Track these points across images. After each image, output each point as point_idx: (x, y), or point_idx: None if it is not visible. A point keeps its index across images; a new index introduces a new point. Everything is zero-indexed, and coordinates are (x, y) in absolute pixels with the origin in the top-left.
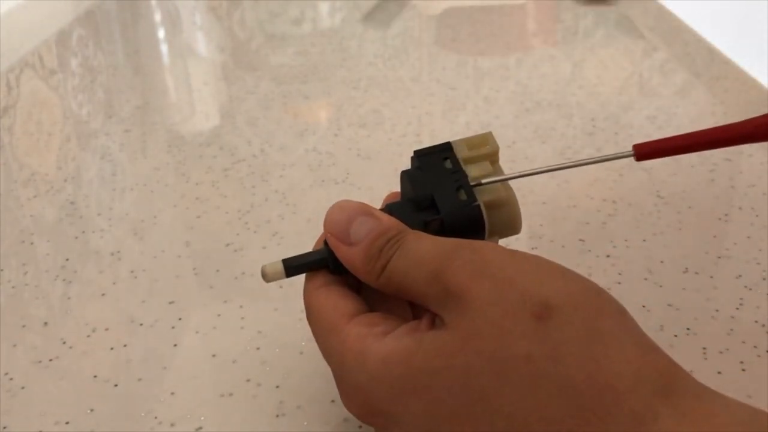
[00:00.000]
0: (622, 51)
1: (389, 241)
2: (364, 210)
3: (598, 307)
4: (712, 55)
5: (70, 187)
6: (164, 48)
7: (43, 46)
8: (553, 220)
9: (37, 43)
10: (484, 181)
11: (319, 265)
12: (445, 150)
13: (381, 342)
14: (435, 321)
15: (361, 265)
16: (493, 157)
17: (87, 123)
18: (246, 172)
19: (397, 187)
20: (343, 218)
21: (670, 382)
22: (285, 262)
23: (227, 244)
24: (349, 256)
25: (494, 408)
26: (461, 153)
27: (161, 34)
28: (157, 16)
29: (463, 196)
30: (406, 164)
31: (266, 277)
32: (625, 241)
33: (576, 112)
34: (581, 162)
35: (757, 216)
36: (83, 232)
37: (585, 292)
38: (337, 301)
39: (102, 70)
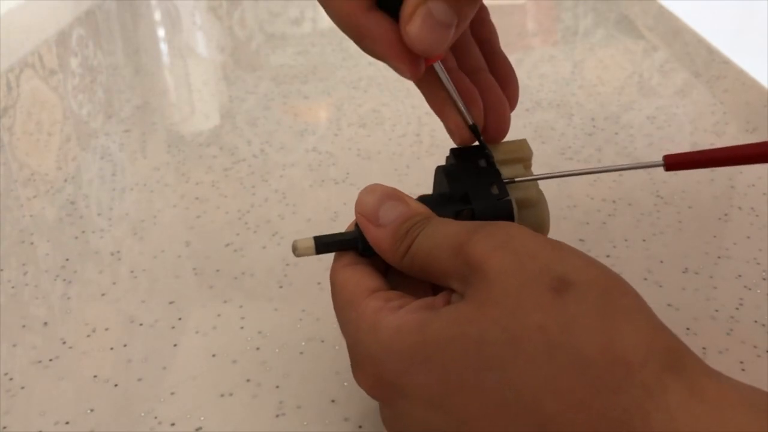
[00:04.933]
0: (622, 51)
1: (416, 224)
2: (395, 194)
3: (614, 286)
4: (712, 55)
5: (70, 187)
6: (164, 48)
7: (43, 46)
8: (553, 220)
9: (37, 43)
10: (517, 179)
11: (348, 245)
12: (480, 150)
13: (395, 314)
14: (452, 298)
15: (387, 246)
16: (526, 162)
17: (87, 123)
18: (246, 172)
19: (396, 188)
20: (373, 200)
21: (680, 359)
22: (316, 239)
23: (227, 244)
24: (376, 236)
25: (506, 378)
26: (496, 155)
27: (161, 33)
28: (157, 16)
29: (495, 190)
30: (407, 164)
31: (297, 251)
32: (625, 241)
33: (576, 112)
34: (612, 168)
35: (757, 216)
36: (83, 232)
37: (602, 271)
38: (360, 278)
39: (102, 70)
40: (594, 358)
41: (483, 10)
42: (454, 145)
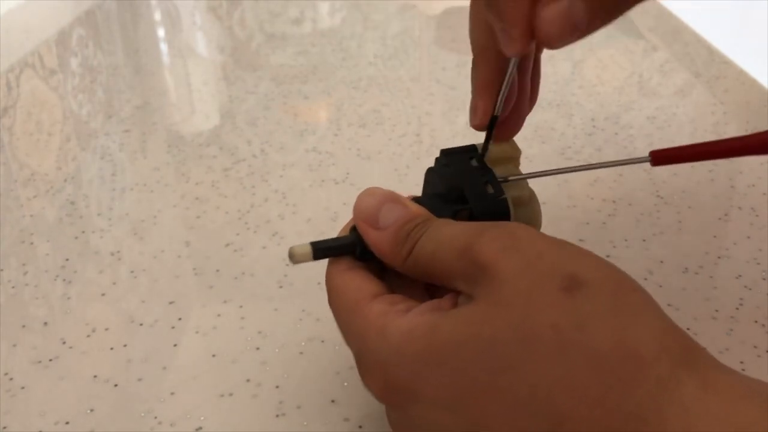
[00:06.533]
0: (622, 51)
1: (417, 225)
2: (393, 197)
3: (624, 284)
4: (712, 55)
5: (70, 187)
6: (164, 48)
7: (43, 46)
8: (553, 220)
9: (37, 43)
10: (511, 177)
11: (346, 249)
12: (470, 151)
13: (403, 317)
14: (459, 300)
15: (388, 249)
16: (515, 161)
17: (87, 123)
18: (246, 172)
19: (395, 188)
20: (372, 203)
21: (692, 354)
22: (313, 244)
23: (227, 244)
24: (377, 240)
25: (519, 378)
26: (486, 155)
27: (161, 33)
28: (157, 16)
29: (491, 189)
30: (407, 164)
31: (294, 258)
32: (625, 241)
33: (576, 112)
34: (600, 165)
35: (757, 216)
36: (83, 232)
37: (611, 269)
38: (360, 283)
39: (102, 70)
40: (607, 353)
41: None
42: (453, 145)
